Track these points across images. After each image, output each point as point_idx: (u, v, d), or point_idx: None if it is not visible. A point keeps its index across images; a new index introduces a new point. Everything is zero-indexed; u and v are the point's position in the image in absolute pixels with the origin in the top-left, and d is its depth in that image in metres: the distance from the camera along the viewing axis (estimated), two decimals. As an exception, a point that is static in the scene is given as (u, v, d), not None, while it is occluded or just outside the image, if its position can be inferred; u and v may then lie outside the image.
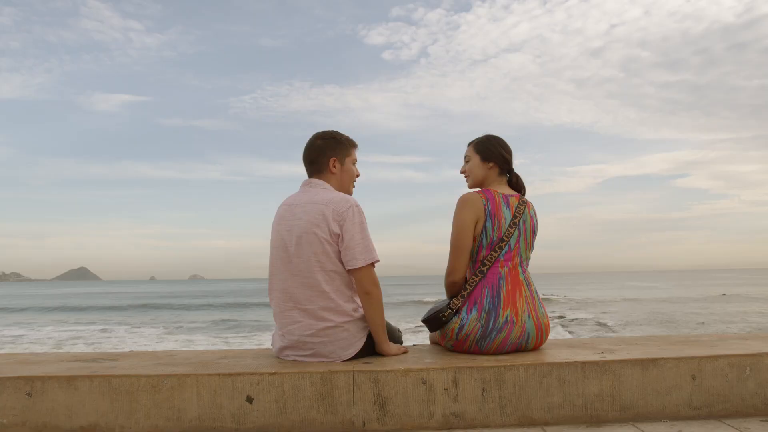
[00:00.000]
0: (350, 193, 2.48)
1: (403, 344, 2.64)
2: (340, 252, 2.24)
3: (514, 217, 2.43)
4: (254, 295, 51.23)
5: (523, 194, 2.58)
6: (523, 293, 2.42)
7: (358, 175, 2.53)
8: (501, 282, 2.39)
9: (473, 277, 2.42)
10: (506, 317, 2.35)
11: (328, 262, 2.24)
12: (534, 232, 2.53)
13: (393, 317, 25.31)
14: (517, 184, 2.59)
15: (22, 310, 38.51)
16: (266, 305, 36.25)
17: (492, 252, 2.41)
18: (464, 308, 2.40)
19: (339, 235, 2.22)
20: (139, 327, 23.14)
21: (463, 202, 2.43)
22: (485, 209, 2.40)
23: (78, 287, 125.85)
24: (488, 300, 2.37)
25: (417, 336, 16.90)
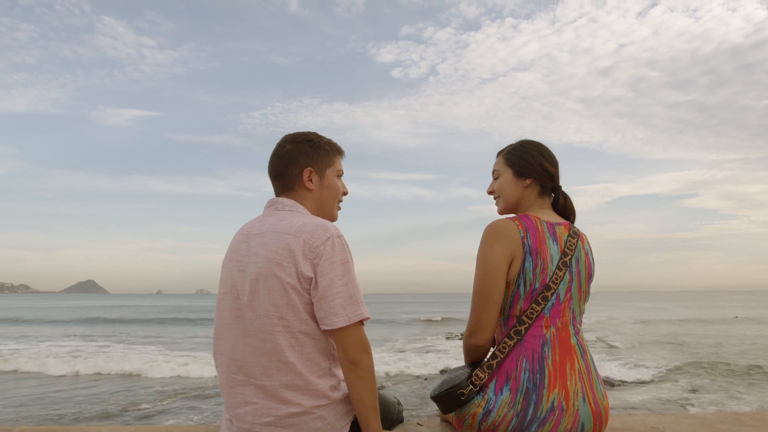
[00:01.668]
0: (333, 218, 1.81)
1: (403, 417, 2.03)
2: (312, 304, 1.56)
3: (564, 254, 1.74)
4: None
5: (573, 221, 1.90)
6: (576, 365, 1.71)
7: (345, 193, 1.84)
8: (545, 349, 1.70)
9: (506, 340, 1.72)
10: (552, 402, 1.65)
11: (295, 319, 1.55)
12: (590, 276, 1.82)
13: (397, 336, 25.10)
14: (565, 208, 1.90)
15: (26, 322, 38.39)
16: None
17: (533, 305, 1.70)
18: (492, 385, 1.71)
19: (311, 279, 1.53)
20: (136, 345, 22.87)
21: (491, 234, 1.72)
22: (524, 243, 1.70)
23: (85, 300, 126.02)
24: (527, 375, 1.67)
25: (424, 365, 16.47)
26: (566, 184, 1.91)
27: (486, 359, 1.76)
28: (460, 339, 23.01)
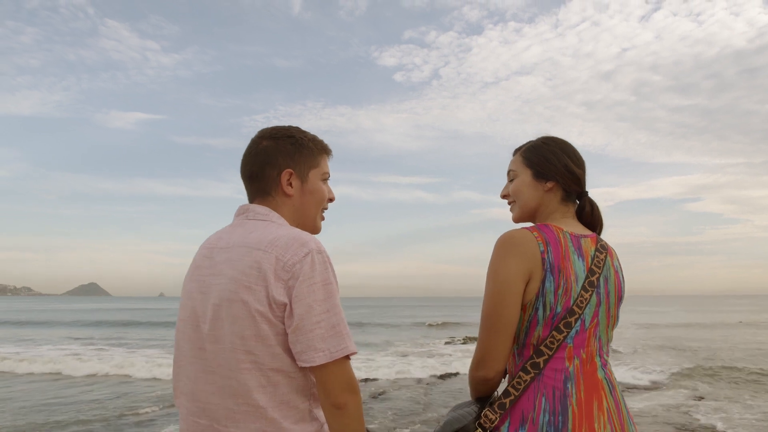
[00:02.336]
0: (315, 230, 1.52)
1: None
2: (287, 335, 1.27)
3: (591, 272, 1.48)
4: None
5: (600, 232, 1.63)
6: (605, 404, 1.45)
7: (331, 200, 1.55)
8: (568, 385, 1.43)
9: (521, 374, 1.46)
10: None
11: (266, 354, 1.27)
12: (620, 298, 1.56)
13: (398, 340, 25.01)
14: (592, 217, 1.62)
15: (26, 325, 38.37)
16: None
17: (554, 333, 1.44)
18: (505, 428, 1.45)
19: (285, 305, 1.25)
20: (135, 349, 22.82)
21: (505, 246, 1.45)
22: (543, 259, 1.43)
23: (87, 303, 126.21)
24: (547, 418, 1.41)
25: (426, 369, 16.38)
26: None
27: (497, 396, 1.49)
28: (463, 343, 22.91)
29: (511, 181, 1.67)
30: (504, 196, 1.69)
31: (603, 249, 1.54)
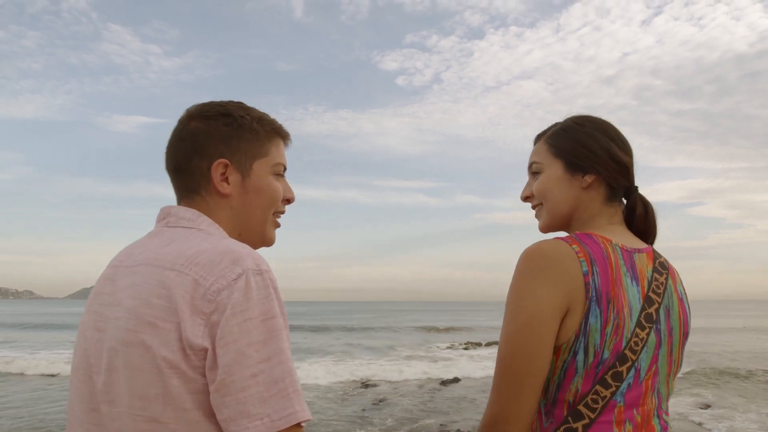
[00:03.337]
0: (265, 241, 1.15)
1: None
2: (209, 394, 0.89)
3: (648, 301, 1.10)
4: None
5: (653, 242, 1.24)
6: None
7: (288, 200, 1.17)
8: None
9: None
10: None
11: (179, 422, 0.90)
12: (686, 335, 1.19)
13: (400, 344, 24.88)
14: (645, 222, 1.22)
15: (26, 327, 38.30)
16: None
17: (599, 387, 1.06)
18: None
19: (206, 350, 0.88)
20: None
21: (534, 265, 1.08)
22: (587, 284, 1.06)
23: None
24: None
25: (428, 374, 16.25)
26: None
27: None
28: (465, 348, 22.76)
29: (534, 176, 1.26)
30: (526, 198, 1.29)
31: (663, 268, 1.16)
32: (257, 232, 1.13)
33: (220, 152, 1.07)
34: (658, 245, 1.24)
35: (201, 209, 1.07)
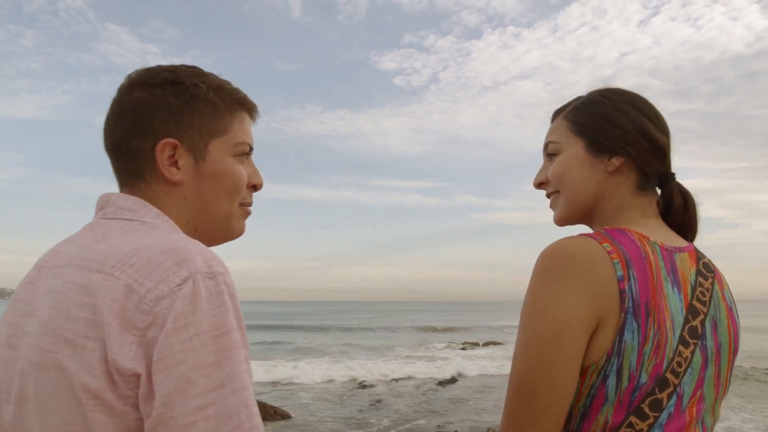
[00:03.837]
0: (230, 233, 0.96)
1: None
2: (143, 430, 0.68)
3: (692, 311, 0.92)
4: (278, 318, 50.71)
5: (693, 239, 1.06)
6: None
7: (255, 186, 0.98)
8: None
9: None
10: None
11: None
12: (736, 352, 0.99)
13: (399, 344, 24.86)
14: (685, 215, 1.03)
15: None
16: (301, 329, 35.82)
17: (634, 418, 0.87)
18: None
19: (138, 377, 0.68)
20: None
21: (558, 266, 0.89)
22: (623, 291, 0.87)
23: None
24: None
25: (427, 374, 16.23)
26: None
27: None
28: (463, 348, 22.76)
29: (550, 159, 1.07)
30: (540, 185, 1.10)
31: (708, 271, 0.97)
32: (219, 226, 0.92)
33: (167, 130, 0.86)
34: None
35: (146, 198, 0.86)
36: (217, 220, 0.92)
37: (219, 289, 0.72)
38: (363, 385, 12.92)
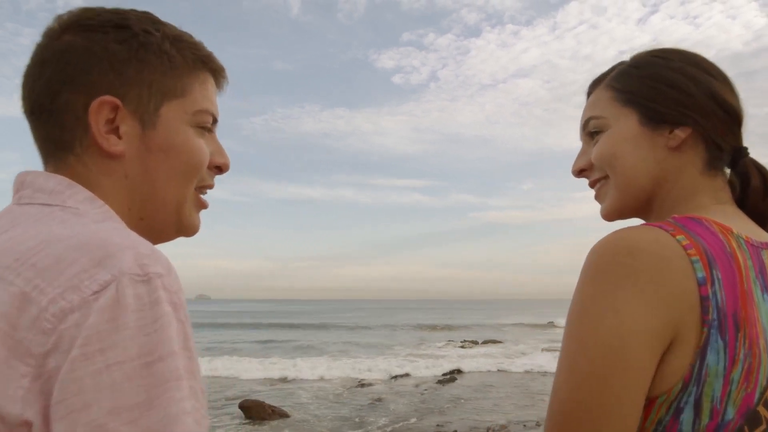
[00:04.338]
0: (182, 227, 0.74)
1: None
2: None
3: None
4: (280, 316, 50.69)
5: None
6: None
7: (220, 167, 0.76)
8: None
9: None
10: None
11: None
12: None
13: (398, 343, 24.80)
14: (765, 199, 0.81)
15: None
16: (300, 327, 35.80)
17: None
18: None
19: (30, 425, 0.47)
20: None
21: (620, 265, 0.68)
22: (706, 297, 0.66)
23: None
24: None
25: (425, 372, 16.18)
26: (567, 190, 1.16)
27: None
28: (462, 347, 22.71)
29: (592, 139, 0.87)
30: (581, 172, 0.89)
31: None
32: (169, 215, 0.71)
33: (105, 84, 0.65)
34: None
35: (75, 177, 0.65)
36: (167, 208, 0.71)
37: (155, 297, 0.51)
38: (362, 384, 12.86)
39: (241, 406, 9.51)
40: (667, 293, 0.66)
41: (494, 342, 24.18)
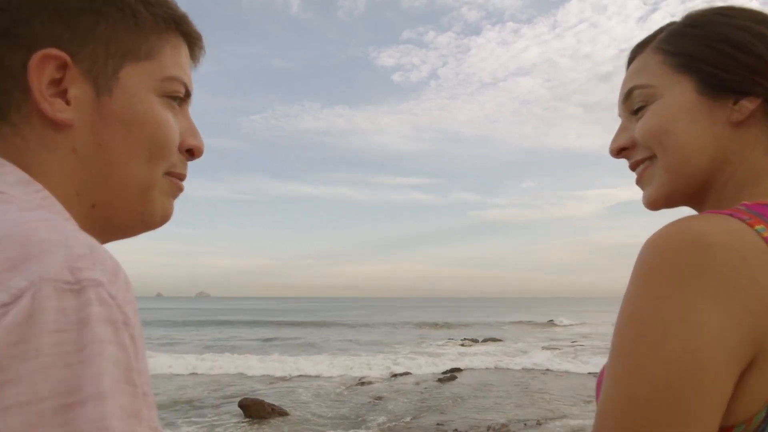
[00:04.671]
0: (144, 220, 0.59)
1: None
2: None
3: None
4: (281, 314, 50.66)
5: None
6: None
7: (192, 150, 0.63)
8: None
9: None
10: None
11: None
12: None
13: (397, 341, 24.79)
14: None
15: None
16: (297, 324, 35.79)
17: None
18: None
19: None
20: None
21: (685, 264, 0.53)
22: None
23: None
24: None
25: (424, 370, 16.17)
26: (566, 189, 1.10)
27: None
28: (462, 345, 22.70)
29: (635, 113, 0.72)
30: (620, 151, 0.75)
31: None
32: (132, 203, 0.57)
33: (51, 37, 0.52)
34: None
35: (9, 152, 0.52)
36: (128, 193, 0.56)
37: (85, 314, 0.38)
38: (362, 382, 12.85)
39: (241, 405, 9.50)
40: (746, 297, 0.52)
41: (494, 340, 24.17)
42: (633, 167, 0.75)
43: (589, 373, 13.71)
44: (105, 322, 0.38)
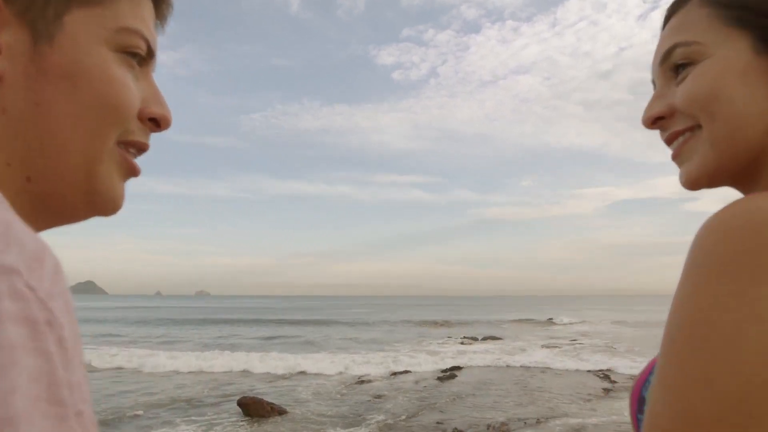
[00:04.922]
0: (88, 201, 0.46)
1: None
2: None
3: None
4: (283, 312, 50.63)
5: None
6: None
7: (155, 119, 0.51)
8: None
9: None
10: None
11: None
12: None
13: (397, 339, 24.78)
14: None
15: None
16: (293, 322, 35.80)
17: None
18: None
19: None
20: (132, 347, 22.53)
21: (754, 251, 0.42)
22: None
23: (86, 301, 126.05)
24: None
25: (424, 368, 16.17)
26: (566, 187, 1.09)
27: None
28: (462, 343, 22.70)
29: (675, 75, 0.61)
30: (655, 120, 0.63)
31: None
32: (75, 176, 0.46)
33: None
34: (653, 240, 0.78)
35: None
36: (70, 165, 0.45)
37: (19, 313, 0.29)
38: (361, 381, 12.84)
39: (240, 403, 9.49)
40: None
41: (494, 338, 24.16)
42: (670, 140, 0.62)
43: (589, 371, 13.71)
44: (19, 321, 0.28)
